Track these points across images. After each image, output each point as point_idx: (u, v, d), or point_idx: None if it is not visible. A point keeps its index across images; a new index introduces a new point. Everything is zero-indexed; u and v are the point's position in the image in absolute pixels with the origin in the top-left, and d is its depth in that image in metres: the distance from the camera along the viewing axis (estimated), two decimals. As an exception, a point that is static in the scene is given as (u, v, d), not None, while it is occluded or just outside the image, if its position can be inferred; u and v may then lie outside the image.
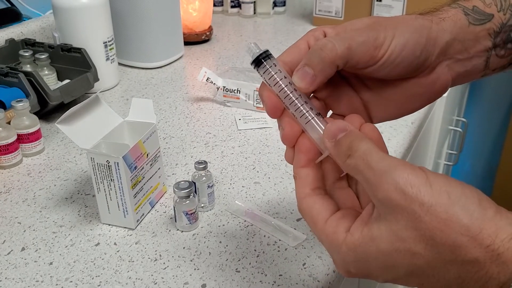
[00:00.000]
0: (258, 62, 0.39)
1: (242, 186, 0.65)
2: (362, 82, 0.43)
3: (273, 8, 1.38)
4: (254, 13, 1.37)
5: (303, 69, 0.38)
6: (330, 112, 0.43)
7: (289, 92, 0.38)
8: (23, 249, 0.55)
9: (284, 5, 1.39)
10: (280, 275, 0.51)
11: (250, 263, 0.53)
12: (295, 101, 0.38)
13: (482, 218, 0.30)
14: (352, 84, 0.43)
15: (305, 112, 0.38)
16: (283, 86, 0.38)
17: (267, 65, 0.39)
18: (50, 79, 0.87)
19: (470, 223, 0.30)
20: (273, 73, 0.38)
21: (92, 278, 0.51)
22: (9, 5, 1.04)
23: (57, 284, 0.50)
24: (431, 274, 0.31)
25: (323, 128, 0.38)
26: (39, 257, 0.54)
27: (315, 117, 0.38)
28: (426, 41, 0.39)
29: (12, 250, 0.55)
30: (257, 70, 0.39)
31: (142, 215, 0.59)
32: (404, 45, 0.38)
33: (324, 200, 0.37)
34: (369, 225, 0.33)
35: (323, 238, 0.36)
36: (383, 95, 0.42)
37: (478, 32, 0.41)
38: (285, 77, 0.38)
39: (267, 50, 0.39)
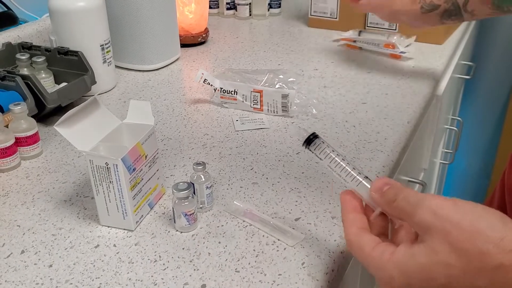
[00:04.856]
0: (309, 142, 0.47)
1: (240, 187, 0.66)
2: None
3: (268, 10, 1.38)
4: (250, 15, 1.37)
5: None
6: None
7: (339, 161, 0.47)
8: (22, 252, 0.55)
9: (279, 7, 1.39)
10: (279, 274, 0.51)
11: (249, 263, 0.53)
12: (345, 168, 0.46)
13: (503, 229, 0.35)
14: None
15: (353, 177, 0.46)
16: (333, 157, 0.47)
17: (316, 143, 0.47)
18: (47, 82, 0.87)
19: (492, 233, 0.35)
20: (323, 148, 0.47)
21: (92, 280, 0.51)
22: (6, 9, 1.04)
23: (57, 287, 0.50)
24: (465, 283, 0.36)
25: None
26: (39, 259, 0.54)
27: (362, 181, 0.46)
28: None
29: (11, 253, 0.55)
30: (309, 148, 0.48)
31: (141, 217, 0.59)
32: None
33: (371, 235, 0.44)
34: (412, 246, 0.39)
35: (370, 261, 0.42)
36: None
37: None
38: (333, 151, 0.47)
39: (315, 132, 0.48)
